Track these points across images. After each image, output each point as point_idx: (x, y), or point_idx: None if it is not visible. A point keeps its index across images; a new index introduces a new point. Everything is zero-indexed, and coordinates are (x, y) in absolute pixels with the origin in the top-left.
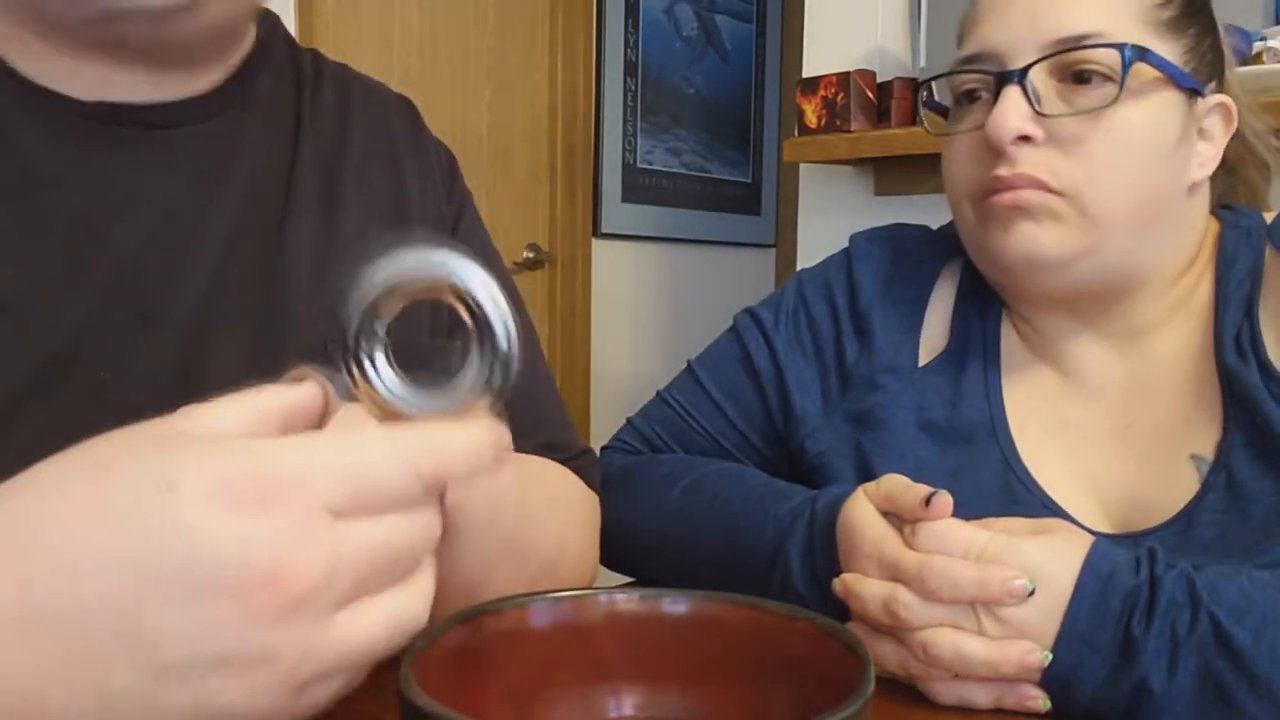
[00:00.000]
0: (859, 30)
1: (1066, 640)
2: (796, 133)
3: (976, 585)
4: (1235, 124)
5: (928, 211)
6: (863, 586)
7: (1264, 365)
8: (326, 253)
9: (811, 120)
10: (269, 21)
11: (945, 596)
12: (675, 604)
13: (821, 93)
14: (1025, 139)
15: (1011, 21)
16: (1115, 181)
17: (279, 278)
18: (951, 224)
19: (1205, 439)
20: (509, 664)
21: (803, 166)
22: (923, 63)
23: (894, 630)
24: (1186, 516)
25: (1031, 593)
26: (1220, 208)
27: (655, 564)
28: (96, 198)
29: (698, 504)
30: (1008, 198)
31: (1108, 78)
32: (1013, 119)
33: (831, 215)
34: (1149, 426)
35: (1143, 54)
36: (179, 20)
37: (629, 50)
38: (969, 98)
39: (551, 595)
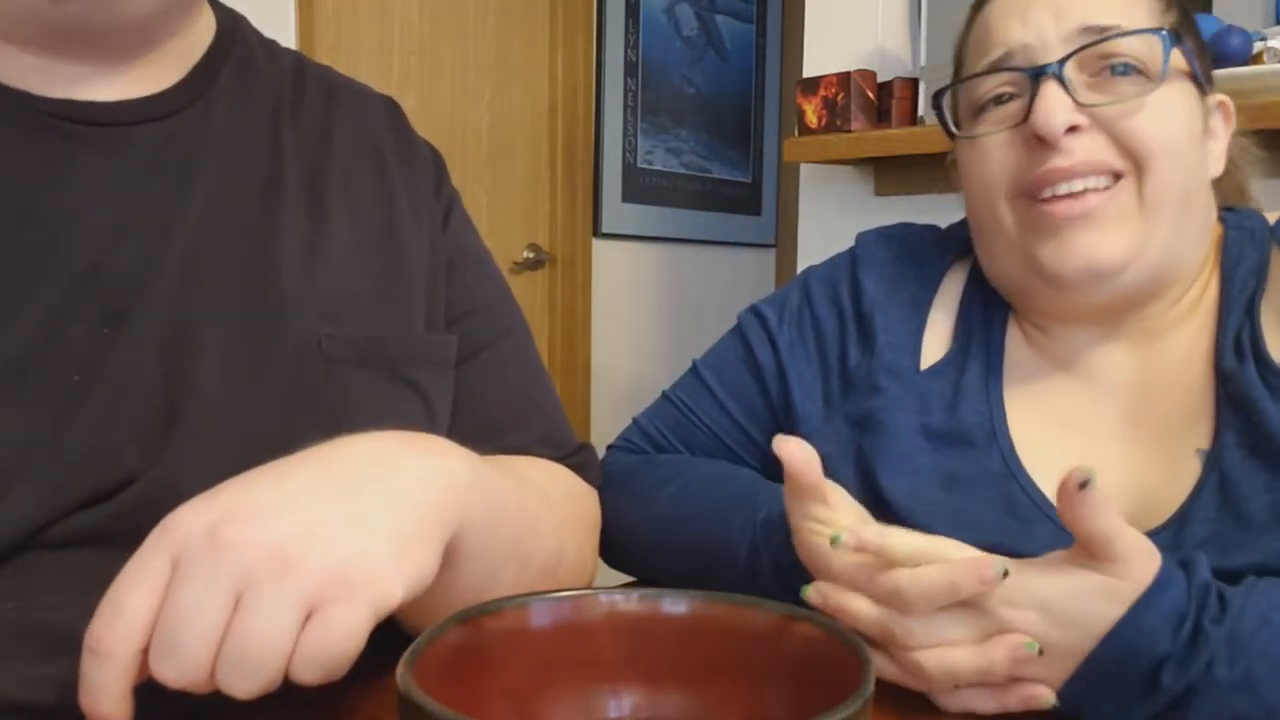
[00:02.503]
0: (859, 30)
1: (1081, 678)
2: (797, 133)
3: (948, 589)
4: (1234, 123)
5: (929, 212)
6: (852, 605)
7: (1262, 359)
8: (314, 253)
9: (812, 120)
10: (230, 16)
11: (924, 608)
12: (675, 604)
13: (822, 93)
14: (1073, 129)
15: (1032, 18)
16: (1169, 154)
17: (265, 276)
18: (961, 224)
19: (1207, 437)
20: (509, 664)
21: (803, 166)
22: (923, 62)
23: (887, 646)
24: (1181, 517)
25: (1006, 573)
26: (1223, 210)
27: (649, 566)
28: (54, 196)
29: (680, 509)
30: (1071, 206)
31: (1140, 70)
32: (1060, 112)
33: (832, 215)
34: (1157, 424)
35: (1178, 40)
36: (123, 1)
37: (629, 50)
38: (996, 103)
39: (551, 595)
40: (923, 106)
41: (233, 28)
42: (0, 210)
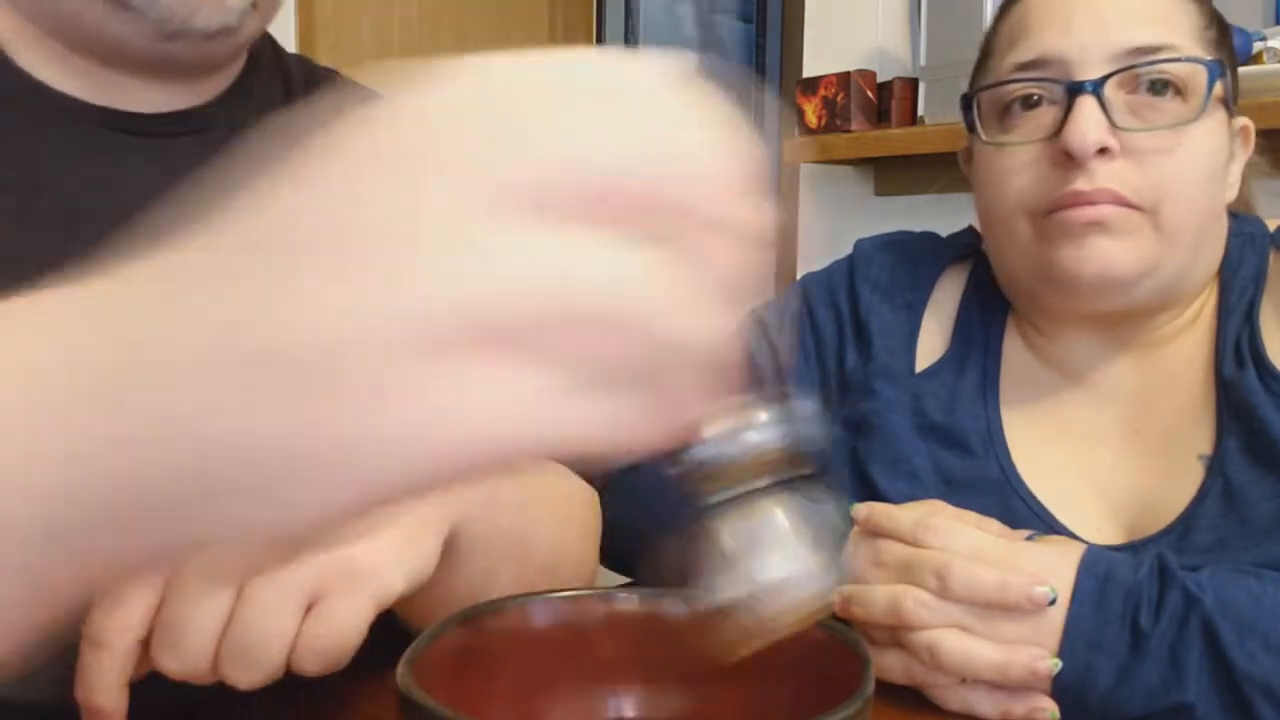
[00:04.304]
0: (859, 30)
1: (1071, 645)
2: (797, 133)
3: (997, 589)
4: (1252, 146)
5: (929, 212)
6: (867, 592)
7: (1262, 364)
8: None
9: (812, 120)
10: None
11: (962, 597)
12: (675, 604)
13: (822, 93)
14: (1103, 151)
15: (1076, 29)
16: (1189, 197)
17: None
18: (965, 232)
19: (1209, 443)
20: (509, 664)
21: (803, 166)
22: (923, 62)
23: (899, 633)
24: (1184, 523)
25: (1053, 601)
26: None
27: (651, 564)
28: (93, 200)
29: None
30: (1088, 213)
31: (1178, 91)
32: (1094, 131)
33: (831, 215)
34: (1157, 429)
35: (1222, 71)
36: (221, 40)
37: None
38: (1024, 104)
39: (551, 595)
40: (923, 106)
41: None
42: (38, 209)
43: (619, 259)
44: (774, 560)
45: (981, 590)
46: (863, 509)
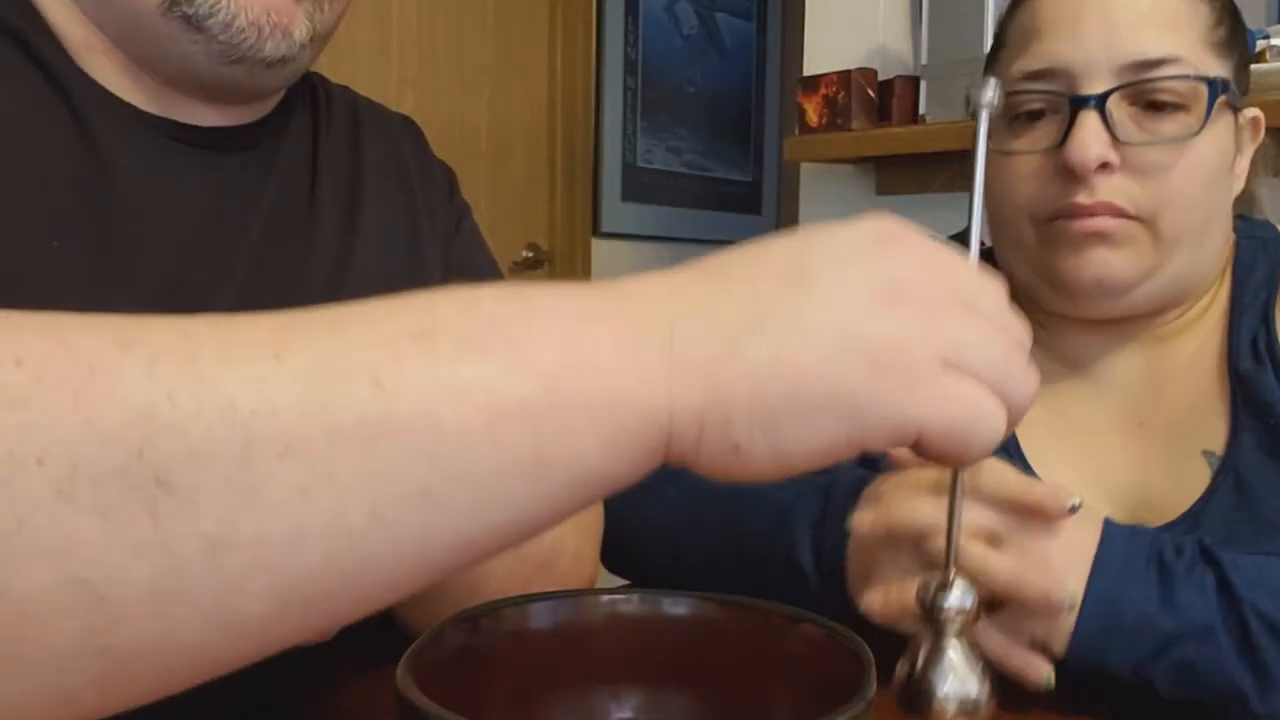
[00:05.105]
0: (860, 28)
1: (1103, 565)
2: (797, 131)
3: (1021, 488)
4: (1262, 135)
5: (930, 211)
6: (898, 503)
7: (1279, 365)
8: (344, 269)
9: (813, 119)
10: None
11: (988, 494)
12: (675, 606)
13: (822, 91)
14: (1103, 166)
15: (1083, 39)
16: (1188, 205)
17: (300, 291)
18: (963, 233)
19: (1216, 438)
20: (509, 664)
21: (804, 165)
22: (924, 60)
23: (922, 545)
24: (1194, 517)
25: (1074, 509)
26: (1235, 218)
27: (656, 563)
28: (151, 201)
29: (693, 507)
30: (1089, 224)
31: (1181, 106)
32: (1095, 146)
33: (833, 215)
34: (1162, 424)
35: (1224, 87)
36: (279, 69)
37: (629, 49)
38: (1030, 115)
39: (551, 597)
40: (924, 105)
41: None
42: (109, 205)
43: (1007, 344)
44: (972, 679)
45: (1005, 488)
46: (900, 453)
